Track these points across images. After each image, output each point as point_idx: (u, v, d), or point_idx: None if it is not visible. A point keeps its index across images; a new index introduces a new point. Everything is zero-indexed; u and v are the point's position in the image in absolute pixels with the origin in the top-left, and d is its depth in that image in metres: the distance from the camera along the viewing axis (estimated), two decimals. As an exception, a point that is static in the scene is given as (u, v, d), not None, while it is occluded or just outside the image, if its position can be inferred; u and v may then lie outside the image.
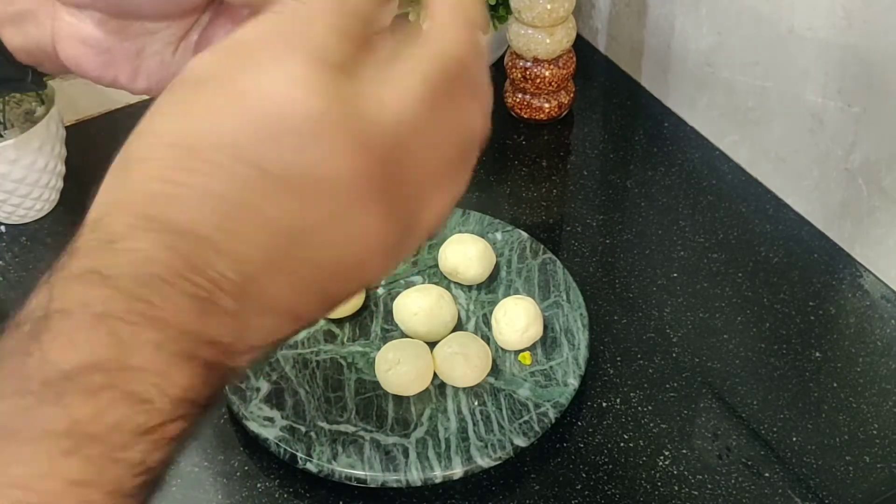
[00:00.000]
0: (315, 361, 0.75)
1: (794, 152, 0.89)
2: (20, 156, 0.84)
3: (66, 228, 0.91)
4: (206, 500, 0.69)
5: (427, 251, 0.84)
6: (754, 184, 0.94)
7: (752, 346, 0.79)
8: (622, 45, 1.08)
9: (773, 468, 0.70)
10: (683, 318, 0.81)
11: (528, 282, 0.81)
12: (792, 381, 0.76)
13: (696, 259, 0.86)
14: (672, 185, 0.95)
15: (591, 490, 0.69)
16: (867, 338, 0.79)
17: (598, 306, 0.81)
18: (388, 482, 0.67)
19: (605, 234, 0.90)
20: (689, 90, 1.00)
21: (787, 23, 0.84)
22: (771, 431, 0.72)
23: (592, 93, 1.07)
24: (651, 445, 0.71)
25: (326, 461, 0.67)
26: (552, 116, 1.01)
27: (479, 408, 0.72)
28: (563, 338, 0.76)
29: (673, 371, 0.77)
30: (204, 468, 0.71)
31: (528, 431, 0.69)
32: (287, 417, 0.70)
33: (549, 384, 0.73)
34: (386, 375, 0.72)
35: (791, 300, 0.83)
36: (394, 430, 0.70)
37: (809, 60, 0.83)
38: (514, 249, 0.83)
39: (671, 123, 1.02)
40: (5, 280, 0.86)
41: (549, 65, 0.97)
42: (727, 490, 0.69)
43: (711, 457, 0.71)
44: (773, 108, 0.89)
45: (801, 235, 0.89)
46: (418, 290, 0.77)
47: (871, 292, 0.83)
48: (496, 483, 0.69)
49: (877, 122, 0.79)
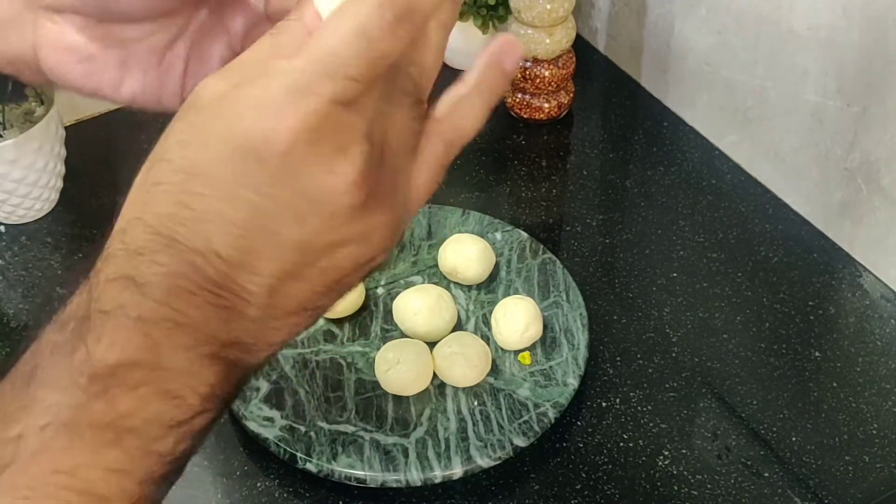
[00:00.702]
0: (315, 361, 0.75)
1: (794, 152, 0.89)
2: (20, 156, 0.84)
3: (65, 228, 0.91)
4: (205, 499, 0.69)
5: (427, 251, 0.84)
6: (754, 184, 0.94)
7: (752, 346, 0.79)
8: (622, 45, 1.08)
9: (772, 468, 0.70)
10: (683, 317, 0.81)
11: (528, 282, 0.81)
12: (791, 380, 0.76)
13: (695, 259, 0.86)
14: (671, 185, 0.95)
15: (591, 490, 0.69)
16: (867, 337, 0.79)
17: (597, 306, 0.81)
18: (388, 482, 0.67)
19: (604, 233, 0.90)
20: (689, 90, 1.00)
21: (786, 22, 0.84)
22: (770, 431, 0.72)
23: (592, 93, 1.07)
24: (651, 445, 0.71)
25: (326, 461, 0.67)
26: (552, 116, 1.01)
27: (479, 408, 0.72)
28: (563, 338, 0.76)
29: (672, 371, 0.77)
30: (204, 468, 0.71)
31: (527, 431, 0.69)
32: (287, 417, 0.70)
33: (549, 384, 0.73)
34: (386, 375, 0.72)
35: (790, 300, 0.83)
36: (393, 430, 0.70)
37: (809, 60, 0.83)
38: (513, 249, 0.83)
39: (671, 123, 1.02)
40: (5, 280, 0.85)
41: (548, 65, 0.97)
42: (727, 490, 0.69)
43: (711, 457, 0.71)
44: (772, 107, 0.89)
45: (800, 235, 0.89)
46: (418, 290, 0.77)
47: (870, 292, 0.83)
48: (496, 483, 0.69)
49: (876, 122, 0.79)
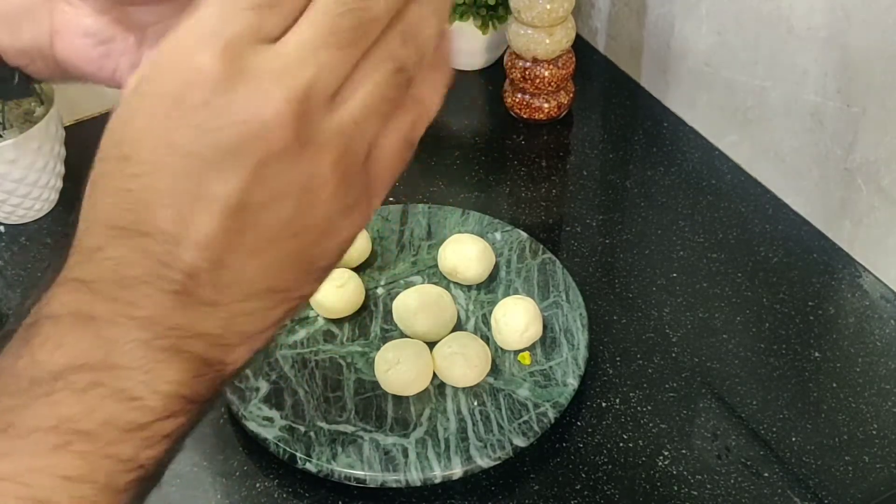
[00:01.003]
0: (314, 361, 0.75)
1: (794, 152, 0.89)
2: (19, 156, 0.84)
3: (65, 228, 0.91)
4: (205, 499, 0.69)
5: (427, 251, 0.84)
6: (754, 184, 0.94)
7: (752, 346, 0.79)
8: (622, 45, 1.08)
9: (772, 468, 0.70)
10: (683, 318, 0.81)
11: (528, 282, 0.81)
12: (791, 381, 0.76)
13: (695, 259, 0.86)
14: (671, 185, 0.95)
15: (591, 490, 0.69)
16: (866, 338, 0.79)
17: (597, 306, 0.81)
18: (388, 482, 0.67)
19: (604, 234, 0.90)
20: (689, 90, 1.00)
21: (786, 23, 0.84)
22: (770, 431, 0.72)
23: (592, 93, 1.07)
24: (650, 445, 0.71)
25: (326, 461, 0.67)
26: (552, 116, 1.01)
27: (479, 408, 0.72)
28: (563, 338, 0.76)
29: (672, 371, 0.77)
30: (203, 468, 0.70)
31: (527, 431, 0.69)
32: (286, 417, 0.70)
33: (549, 384, 0.73)
34: (385, 375, 0.72)
35: (790, 300, 0.83)
36: (393, 430, 0.70)
37: (809, 60, 0.83)
38: (513, 249, 0.83)
39: (670, 123, 1.02)
40: (4, 280, 0.85)
41: (548, 65, 0.97)
42: (726, 490, 0.68)
43: (711, 457, 0.71)
44: (772, 107, 0.89)
45: (800, 235, 0.89)
46: (418, 290, 0.77)
47: (870, 292, 0.83)
48: (495, 483, 0.69)
49: (876, 122, 0.79)
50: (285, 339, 0.76)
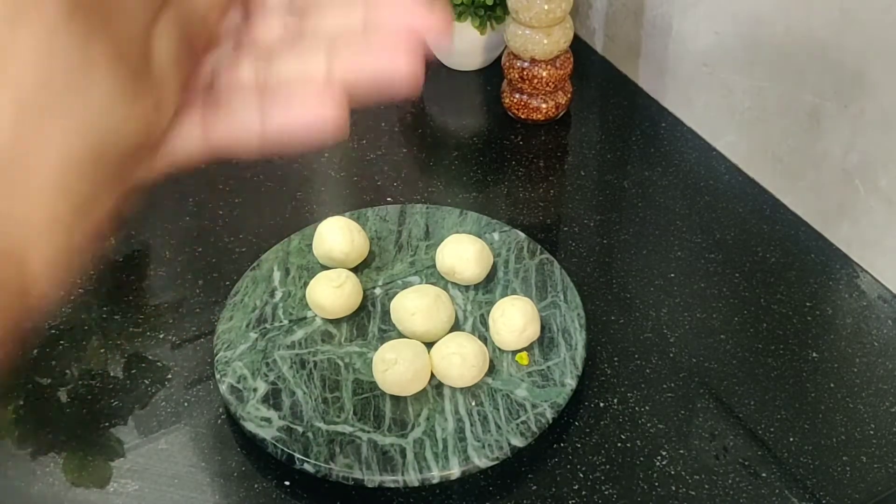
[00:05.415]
0: (312, 362, 0.75)
1: (791, 152, 0.89)
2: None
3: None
4: (203, 500, 0.69)
5: (424, 251, 0.84)
6: (751, 184, 0.94)
7: (749, 347, 0.79)
8: (619, 46, 1.08)
9: (770, 468, 0.70)
10: (681, 318, 0.81)
11: (526, 282, 0.81)
12: (789, 381, 0.76)
13: (693, 259, 0.87)
14: (669, 186, 0.95)
15: (589, 490, 0.69)
16: (864, 338, 0.80)
17: (595, 306, 0.81)
18: (386, 483, 0.67)
19: (602, 234, 0.90)
20: (687, 90, 1.00)
21: (784, 23, 0.84)
22: (768, 431, 0.72)
23: (590, 93, 1.07)
24: (648, 445, 0.71)
25: (324, 462, 0.67)
26: (549, 117, 1.01)
27: (477, 408, 0.72)
28: (561, 338, 0.76)
29: (670, 371, 0.77)
30: (201, 468, 0.70)
31: (525, 432, 0.69)
32: (284, 418, 0.70)
33: (547, 384, 0.73)
34: (383, 376, 0.72)
35: (788, 300, 0.83)
36: (391, 431, 0.70)
37: (806, 61, 0.83)
38: (511, 250, 0.83)
39: (668, 124, 1.02)
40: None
41: (546, 65, 0.97)
42: (724, 490, 0.69)
43: (709, 457, 0.71)
44: (770, 108, 0.89)
45: (797, 236, 0.89)
46: (415, 291, 0.77)
47: (867, 293, 0.84)
48: (493, 483, 0.69)
49: (873, 123, 0.79)
50: (283, 339, 0.76)
